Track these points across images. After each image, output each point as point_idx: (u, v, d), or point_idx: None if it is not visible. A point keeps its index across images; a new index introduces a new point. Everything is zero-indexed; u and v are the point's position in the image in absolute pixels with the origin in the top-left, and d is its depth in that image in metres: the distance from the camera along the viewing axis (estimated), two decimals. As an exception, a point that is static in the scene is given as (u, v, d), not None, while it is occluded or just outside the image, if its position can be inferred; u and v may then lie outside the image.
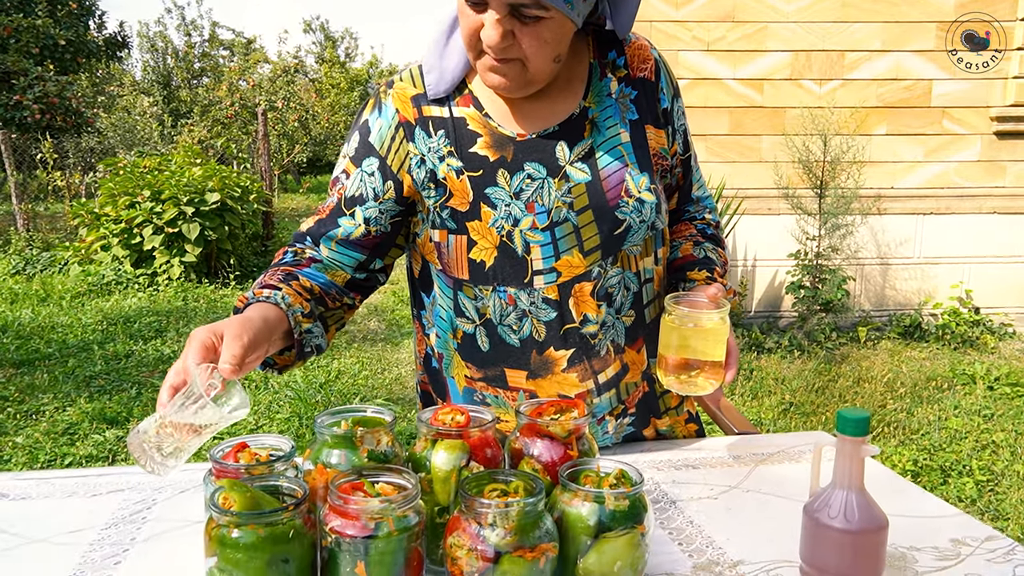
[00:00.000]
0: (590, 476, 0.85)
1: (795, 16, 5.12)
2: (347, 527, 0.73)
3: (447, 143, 1.15)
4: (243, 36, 22.15)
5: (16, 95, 12.26)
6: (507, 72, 1.07)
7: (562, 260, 1.14)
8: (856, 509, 0.83)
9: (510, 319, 1.16)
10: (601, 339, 1.18)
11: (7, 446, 3.42)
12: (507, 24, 1.01)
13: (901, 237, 5.42)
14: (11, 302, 6.11)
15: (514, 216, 1.13)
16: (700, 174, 1.35)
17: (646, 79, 1.20)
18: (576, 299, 1.15)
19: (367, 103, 1.21)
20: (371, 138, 1.18)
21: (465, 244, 1.15)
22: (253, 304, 1.05)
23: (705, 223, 1.33)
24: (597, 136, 1.16)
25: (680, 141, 1.25)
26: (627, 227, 1.15)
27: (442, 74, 1.16)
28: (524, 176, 1.14)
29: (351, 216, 1.17)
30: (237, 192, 7.14)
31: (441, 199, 1.15)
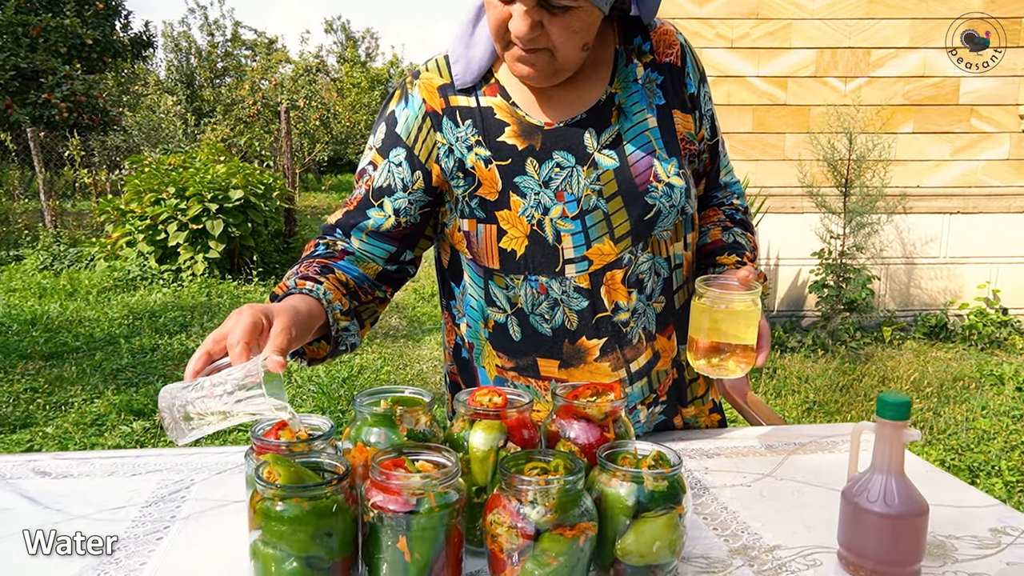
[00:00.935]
0: (627, 458, 0.85)
1: (820, 13, 5.08)
2: (389, 502, 0.74)
3: (475, 132, 1.15)
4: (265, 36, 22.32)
5: (44, 94, 12.45)
6: (535, 62, 1.07)
7: (593, 248, 1.14)
8: (896, 493, 0.83)
9: (542, 308, 1.17)
10: (633, 327, 1.18)
11: (38, 436, 3.47)
12: (535, 15, 1.01)
13: (927, 236, 5.36)
14: (40, 297, 6.21)
15: (544, 205, 1.13)
16: (728, 160, 1.35)
17: (672, 64, 1.19)
18: (608, 287, 1.15)
19: (393, 94, 1.21)
20: (397, 129, 1.18)
21: (495, 233, 1.15)
22: (295, 295, 1.05)
23: (733, 208, 1.33)
24: (624, 122, 1.16)
25: (707, 126, 1.24)
26: (657, 212, 1.14)
27: (468, 64, 1.16)
28: (553, 165, 1.14)
29: (380, 207, 1.18)
30: (260, 189, 7.20)
31: (470, 188, 1.15)
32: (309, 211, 12.85)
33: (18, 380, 4.20)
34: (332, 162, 20.39)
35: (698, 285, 1.07)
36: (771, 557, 0.89)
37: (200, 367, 0.87)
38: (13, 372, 4.33)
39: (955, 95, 5.16)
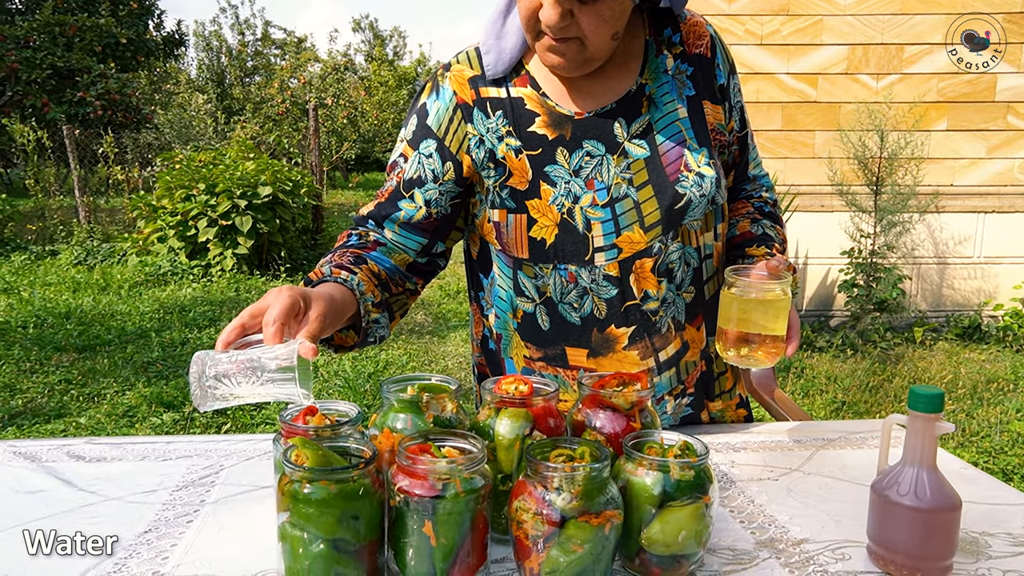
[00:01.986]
0: (654, 447, 0.84)
1: (852, 8, 5.01)
2: (415, 487, 0.74)
3: (505, 123, 1.16)
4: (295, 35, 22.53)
5: (80, 92, 12.68)
6: (565, 51, 1.07)
7: (623, 236, 1.14)
8: (928, 487, 0.82)
9: (571, 297, 1.17)
10: (662, 316, 1.17)
11: (71, 427, 3.54)
12: (565, 4, 1.02)
13: (961, 236, 5.26)
14: (73, 291, 6.33)
15: (574, 193, 1.13)
16: (756, 153, 1.35)
17: (702, 55, 1.19)
18: (637, 275, 1.15)
19: (424, 86, 1.22)
20: (428, 121, 1.18)
21: (525, 222, 1.15)
22: (330, 282, 1.06)
23: (763, 201, 1.32)
24: (655, 112, 1.16)
25: (737, 118, 1.25)
26: (687, 201, 1.14)
27: (499, 55, 1.16)
28: (583, 154, 1.14)
29: (411, 199, 1.19)
30: (288, 186, 7.27)
31: (500, 178, 1.16)
32: (336, 208, 12.96)
33: (53, 371, 4.29)
34: (359, 160, 20.53)
35: (728, 275, 1.06)
36: (798, 550, 0.88)
37: (232, 338, 0.88)
38: (48, 364, 4.42)
39: (991, 92, 5.06)
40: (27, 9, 14.89)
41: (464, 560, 0.76)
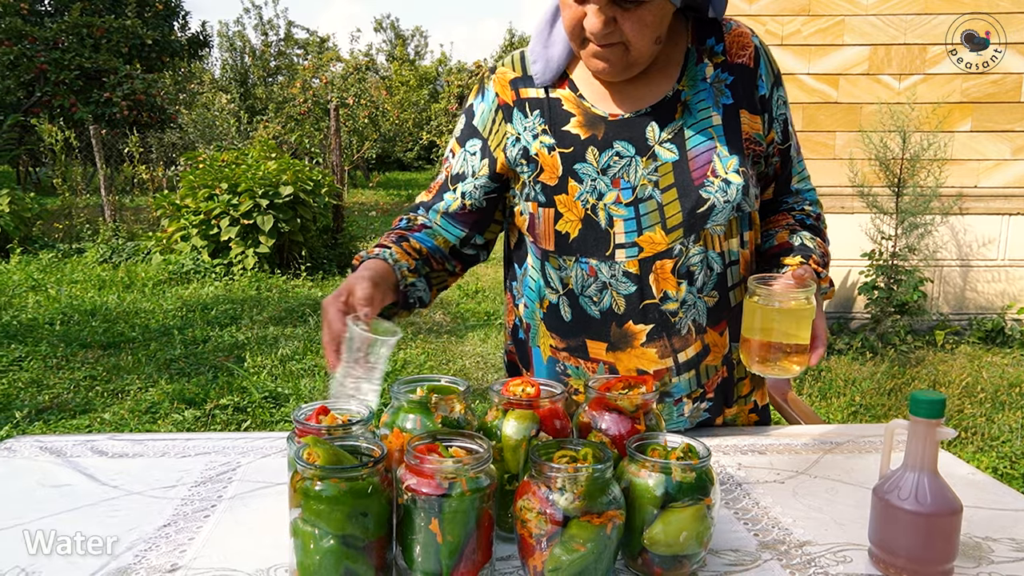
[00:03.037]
0: (657, 449, 0.86)
1: (874, 8, 4.97)
2: (422, 485, 0.77)
3: (542, 122, 1.21)
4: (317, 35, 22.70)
5: (106, 92, 12.88)
6: (610, 57, 1.11)
7: (644, 236, 1.16)
8: (928, 492, 0.83)
9: (591, 290, 1.20)
10: (682, 317, 1.19)
11: (96, 422, 3.61)
12: (608, 12, 1.05)
13: (984, 238, 5.20)
14: (99, 288, 6.43)
15: (599, 190, 1.17)
16: (803, 168, 1.33)
17: (744, 65, 1.21)
18: (656, 275, 1.17)
19: (473, 89, 1.30)
20: (475, 121, 1.28)
21: (552, 216, 1.20)
22: (367, 261, 1.17)
23: (804, 214, 1.31)
24: (688, 118, 1.18)
25: (779, 130, 1.25)
26: (711, 206, 1.15)
27: (547, 63, 1.22)
28: (612, 153, 1.18)
29: (453, 191, 1.28)
30: (309, 186, 7.34)
31: (533, 174, 1.21)
32: (357, 208, 13.05)
33: (78, 368, 4.37)
34: (380, 159, 20.64)
35: (751, 283, 1.06)
36: (801, 552, 0.90)
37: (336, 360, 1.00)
38: (74, 360, 4.51)
39: (1017, 92, 5.00)
40: (56, 11, 15.14)
41: (470, 557, 0.79)
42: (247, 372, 4.33)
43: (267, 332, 5.16)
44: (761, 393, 1.37)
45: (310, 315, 5.62)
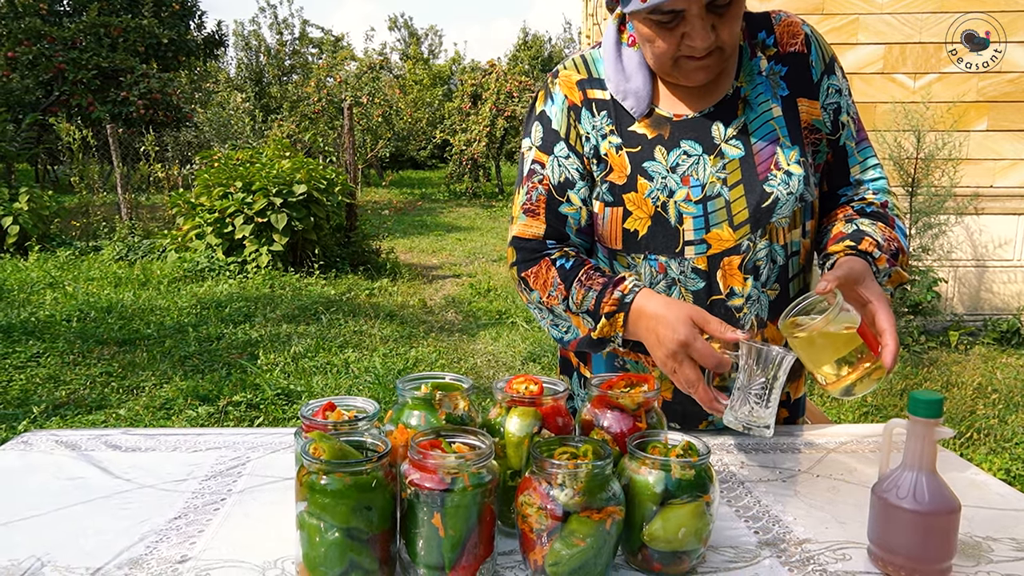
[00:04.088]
0: (658, 446, 0.87)
1: (889, 7, 4.94)
2: (425, 480, 0.78)
3: (609, 122, 1.23)
4: (331, 34, 22.81)
5: (123, 92, 12.99)
6: (710, 64, 1.13)
7: (712, 233, 1.17)
8: (927, 490, 0.83)
9: (659, 287, 1.21)
10: (746, 313, 1.20)
11: (111, 418, 3.66)
12: (708, 21, 1.08)
13: (1000, 238, 5.16)
14: (115, 286, 6.51)
15: (669, 188, 1.18)
16: (868, 156, 1.28)
17: (797, 52, 1.22)
18: (724, 271, 1.18)
19: (538, 96, 1.30)
20: (554, 126, 1.26)
21: (620, 215, 1.21)
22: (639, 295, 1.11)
23: (864, 203, 1.25)
24: (750, 113, 1.20)
25: (828, 120, 1.23)
26: (775, 199, 1.16)
27: (636, 95, 1.21)
28: (680, 152, 1.19)
29: (569, 203, 1.24)
30: (323, 184, 7.39)
31: (602, 173, 1.22)
32: (370, 206, 13.10)
33: (95, 364, 4.43)
34: (394, 158, 20.72)
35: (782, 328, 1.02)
36: (800, 550, 0.90)
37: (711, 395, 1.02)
38: (90, 356, 4.57)
39: (1034, 91, 4.96)
40: (74, 11, 15.30)
41: (471, 551, 0.80)
42: (260, 369, 4.37)
43: (280, 330, 5.20)
44: (795, 386, 1.34)
45: (323, 313, 5.66)
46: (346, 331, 5.25)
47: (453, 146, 16.25)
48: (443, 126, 18.11)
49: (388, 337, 5.18)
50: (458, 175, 16.15)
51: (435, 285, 7.34)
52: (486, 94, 15.83)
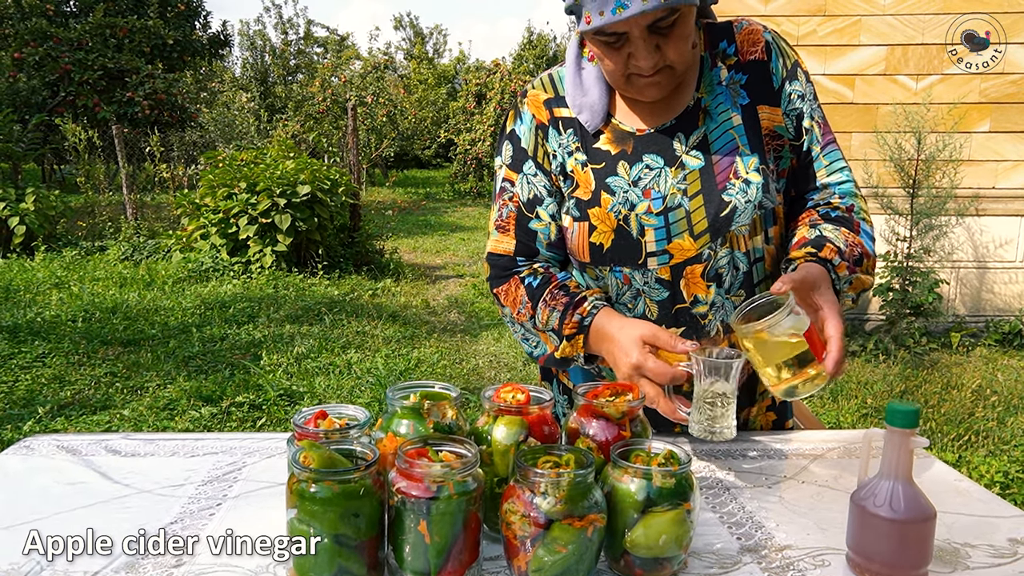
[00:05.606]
0: (640, 455, 0.89)
1: (892, 8, 4.95)
2: (412, 488, 0.81)
3: (575, 139, 1.26)
4: (336, 33, 22.85)
5: (129, 92, 13.05)
6: (661, 80, 1.16)
7: (674, 243, 1.20)
8: (902, 499, 0.85)
9: (625, 297, 1.24)
10: (711, 319, 1.22)
11: (115, 418, 3.70)
12: (651, 43, 1.10)
13: (1002, 239, 5.17)
14: (120, 286, 6.55)
15: (631, 201, 1.21)
16: (835, 160, 1.27)
17: (757, 60, 1.23)
18: (687, 280, 1.21)
19: (509, 115, 1.34)
20: (523, 144, 1.30)
21: (587, 229, 1.24)
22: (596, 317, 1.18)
23: (830, 207, 1.24)
24: (710, 123, 1.22)
25: (791, 125, 1.24)
26: (733, 208, 1.18)
27: (592, 109, 1.25)
28: (643, 166, 1.22)
29: (538, 218, 1.29)
30: (327, 185, 7.42)
31: (570, 189, 1.26)
32: (374, 206, 13.13)
33: (99, 364, 4.47)
34: (398, 157, 20.76)
35: (733, 325, 1.05)
36: (780, 556, 0.92)
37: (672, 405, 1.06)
38: (95, 357, 4.61)
39: (1036, 92, 4.96)
40: (80, 12, 15.37)
41: (457, 557, 0.82)
42: (263, 370, 4.40)
43: (283, 330, 5.23)
44: None
45: (326, 314, 5.70)
46: (349, 332, 5.28)
47: (457, 145, 16.29)
48: (447, 126, 18.15)
49: (391, 338, 5.20)
50: (462, 174, 16.20)
51: (438, 285, 7.37)
52: (491, 93, 15.87)
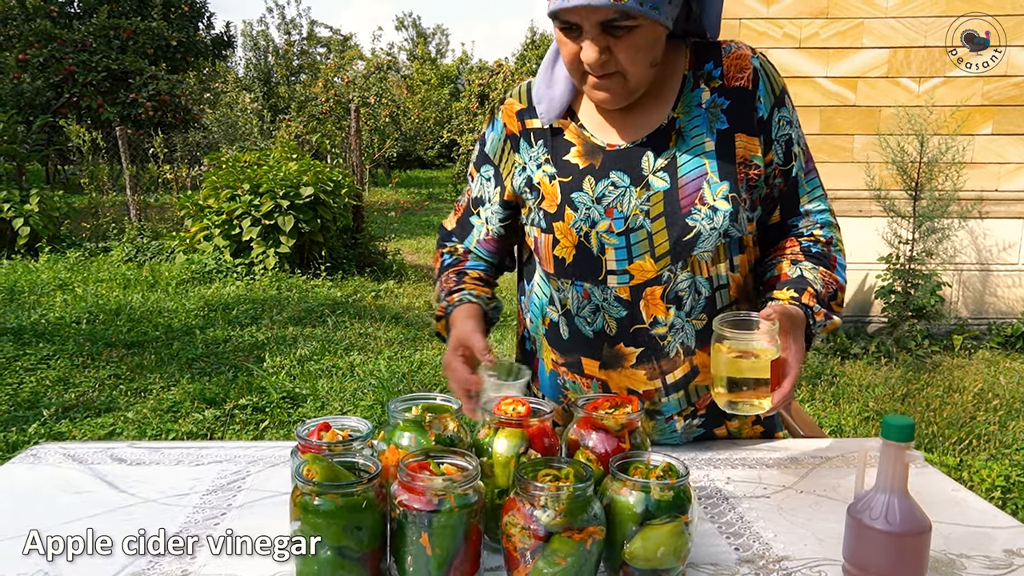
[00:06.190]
0: (639, 467, 0.90)
1: (894, 11, 4.95)
2: (414, 501, 0.82)
3: (545, 151, 1.27)
4: (339, 33, 22.88)
5: (132, 93, 13.08)
6: (610, 86, 1.15)
7: (635, 264, 1.20)
8: (898, 512, 0.86)
9: (585, 312, 1.25)
10: (670, 341, 1.22)
11: (120, 420, 3.71)
12: (602, 41, 1.10)
13: (1005, 242, 5.17)
14: (124, 287, 6.58)
15: (592, 218, 1.21)
16: (816, 187, 1.29)
17: (743, 87, 1.21)
18: (647, 301, 1.21)
19: (487, 118, 1.36)
20: (487, 148, 1.36)
21: (551, 242, 1.25)
22: (454, 311, 1.26)
23: (812, 240, 1.27)
24: (681, 145, 1.21)
25: (779, 151, 1.24)
26: (697, 233, 1.18)
27: (551, 102, 1.26)
28: (608, 183, 1.21)
29: (478, 215, 1.38)
30: (330, 186, 7.44)
31: (536, 201, 1.27)
32: (377, 207, 13.14)
33: (103, 366, 4.49)
34: (401, 158, 20.78)
35: (715, 323, 1.07)
36: (778, 567, 0.93)
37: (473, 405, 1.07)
38: (99, 359, 4.63)
39: (1040, 95, 4.96)
40: (84, 13, 15.42)
41: (458, 568, 0.84)
42: (266, 372, 4.42)
43: (286, 332, 5.25)
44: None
45: (329, 315, 5.71)
46: (352, 333, 5.30)
47: (460, 146, 16.29)
48: (450, 126, 18.15)
49: (393, 340, 5.22)
50: (465, 175, 16.19)
51: (441, 287, 7.37)
52: (494, 94, 15.86)
